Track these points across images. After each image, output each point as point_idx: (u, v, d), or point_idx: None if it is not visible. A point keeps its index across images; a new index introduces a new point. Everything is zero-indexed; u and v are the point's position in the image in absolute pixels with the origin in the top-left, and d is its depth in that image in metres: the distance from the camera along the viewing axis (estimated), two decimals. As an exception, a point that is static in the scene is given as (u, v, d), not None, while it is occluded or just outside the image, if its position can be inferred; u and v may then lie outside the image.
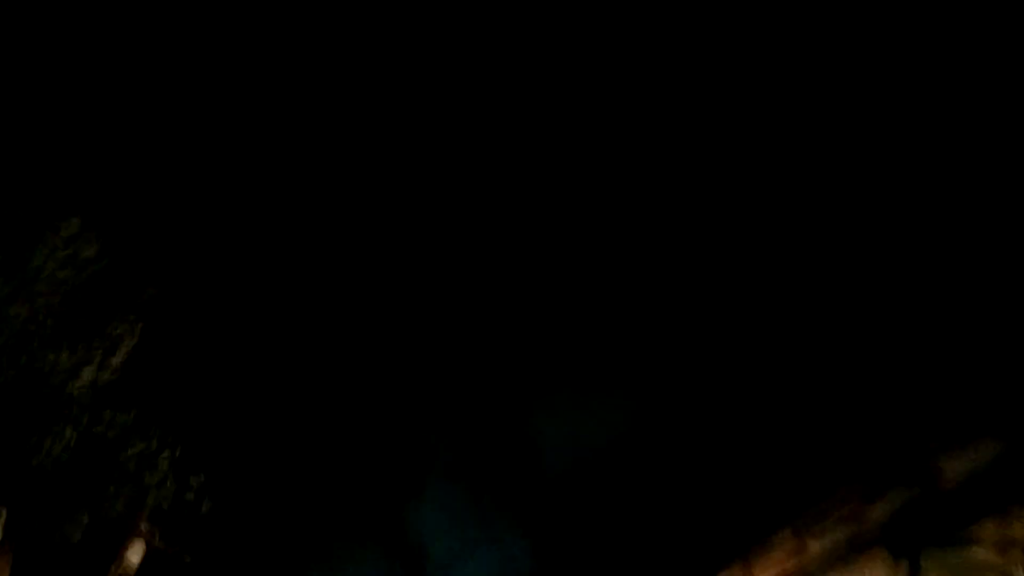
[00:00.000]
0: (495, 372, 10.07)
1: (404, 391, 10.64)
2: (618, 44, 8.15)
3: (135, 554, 7.35)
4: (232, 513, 8.68)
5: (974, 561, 5.42)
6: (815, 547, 5.70)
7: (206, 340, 8.52)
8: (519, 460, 10.12)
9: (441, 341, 10.24)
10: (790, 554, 5.89)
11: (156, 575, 7.62)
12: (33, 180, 6.98)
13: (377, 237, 9.76)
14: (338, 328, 10.28)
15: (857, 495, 5.22)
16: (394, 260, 9.88)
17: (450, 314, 10.09)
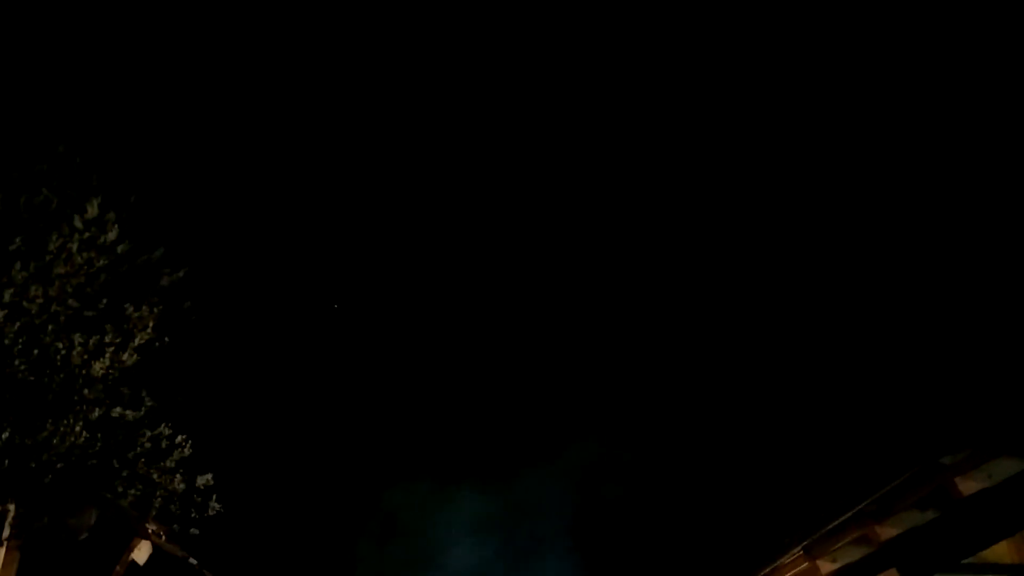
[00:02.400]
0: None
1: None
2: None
3: (141, 555, 7.20)
4: (239, 517, 8.60)
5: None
6: (827, 568, 5.58)
7: (221, 333, 8.46)
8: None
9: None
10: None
11: (161, 576, 7.55)
12: (57, 161, 6.94)
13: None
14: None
15: (871, 515, 5.09)
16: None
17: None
